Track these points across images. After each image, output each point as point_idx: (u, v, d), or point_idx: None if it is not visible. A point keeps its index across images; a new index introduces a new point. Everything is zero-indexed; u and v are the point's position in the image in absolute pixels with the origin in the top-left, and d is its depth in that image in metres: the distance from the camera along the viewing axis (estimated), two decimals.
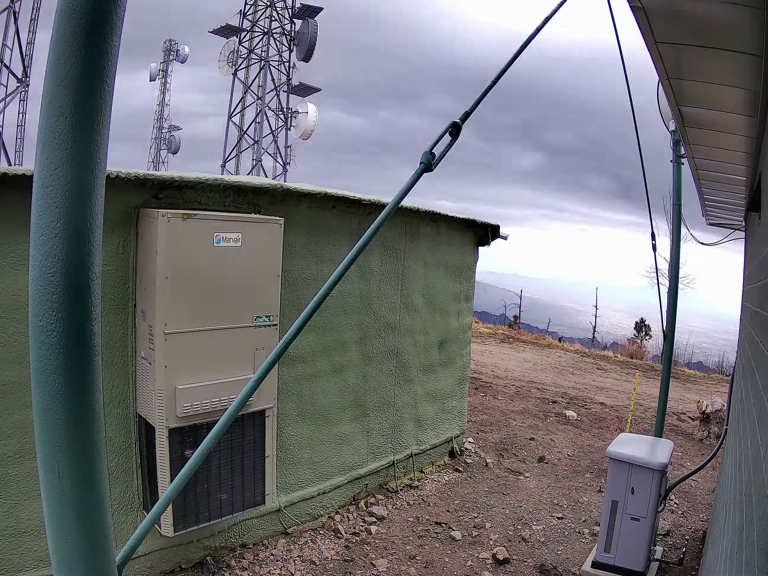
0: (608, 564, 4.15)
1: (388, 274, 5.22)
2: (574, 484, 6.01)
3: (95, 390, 0.82)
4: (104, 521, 0.85)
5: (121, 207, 3.36)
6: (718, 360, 14.68)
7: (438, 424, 6.11)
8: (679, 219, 5.58)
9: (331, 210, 4.55)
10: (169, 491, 0.99)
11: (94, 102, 0.77)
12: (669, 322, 5.48)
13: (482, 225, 6.19)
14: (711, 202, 5.85)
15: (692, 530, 5.12)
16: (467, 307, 6.41)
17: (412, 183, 1.11)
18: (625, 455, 4.10)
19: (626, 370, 12.43)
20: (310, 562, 4.24)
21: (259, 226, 3.62)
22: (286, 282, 4.17)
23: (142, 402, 3.50)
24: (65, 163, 0.76)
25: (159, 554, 3.75)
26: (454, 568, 4.35)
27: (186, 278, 3.30)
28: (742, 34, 1.94)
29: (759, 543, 1.18)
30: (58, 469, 0.80)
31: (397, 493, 5.46)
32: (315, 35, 19.45)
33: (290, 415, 4.48)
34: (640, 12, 1.97)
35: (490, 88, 1.29)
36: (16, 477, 3.12)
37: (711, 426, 7.45)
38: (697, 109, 2.96)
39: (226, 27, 19.89)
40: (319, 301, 1.04)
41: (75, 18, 0.74)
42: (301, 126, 19.74)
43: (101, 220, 0.81)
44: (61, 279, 0.78)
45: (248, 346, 3.62)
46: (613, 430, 7.76)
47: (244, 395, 1.00)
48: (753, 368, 2.26)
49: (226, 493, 3.63)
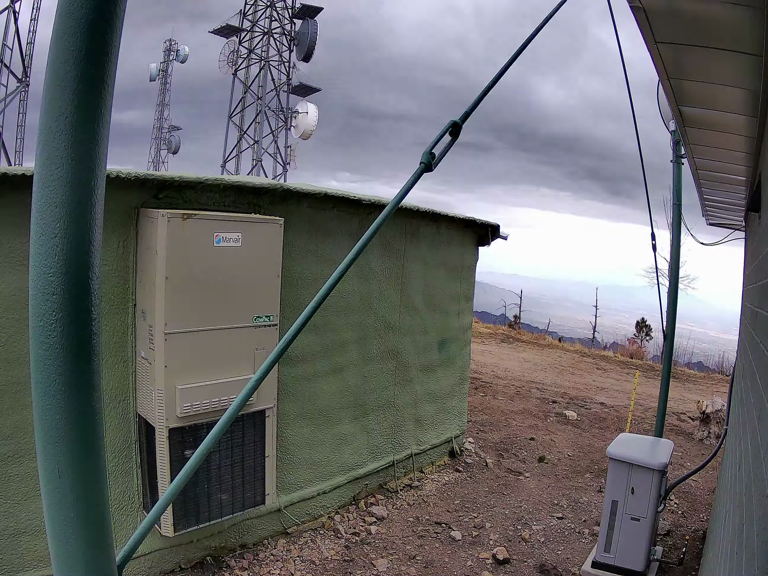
0: (608, 564, 4.15)
1: (388, 274, 5.22)
2: (574, 484, 6.01)
3: (95, 390, 0.82)
4: (104, 521, 0.85)
5: (121, 207, 3.36)
6: (718, 360, 14.68)
7: (438, 424, 6.11)
8: (679, 219, 5.58)
9: (331, 210, 4.55)
10: (169, 491, 0.99)
11: (94, 102, 0.77)
12: (669, 322, 5.48)
13: (482, 225, 6.19)
14: (711, 202, 5.85)
15: (692, 530, 5.12)
16: (467, 307, 6.41)
17: (412, 183, 1.11)
18: (625, 455, 4.10)
19: (626, 370, 12.43)
20: (310, 562, 4.24)
21: (259, 226, 3.62)
22: (286, 282, 4.17)
23: (142, 402, 3.50)
24: (65, 163, 0.76)
25: (159, 554, 3.75)
26: (454, 568, 4.35)
27: (186, 278, 3.30)
28: (742, 34, 1.94)
29: (759, 543, 1.18)
30: (58, 469, 0.80)
31: (397, 493, 5.46)
32: (315, 35, 19.46)
33: (290, 415, 4.48)
34: (640, 12, 1.97)
35: (489, 88, 1.29)
36: (16, 477, 3.12)
37: (711, 426, 7.45)
38: (697, 109, 2.96)
39: (226, 27, 19.90)
40: (319, 301, 1.04)
41: (75, 18, 0.74)
42: (301, 126, 19.74)
43: (101, 220, 0.81)
44: (61, 279, 0.77)
45: (248, 346, 3.62)
46: (613, 430, 7.76)
47: (244, 395, 1.00)
48: (753, 368, 2.26)
49: (226, 493, 3.63)
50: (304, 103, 19.97)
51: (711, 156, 3.93)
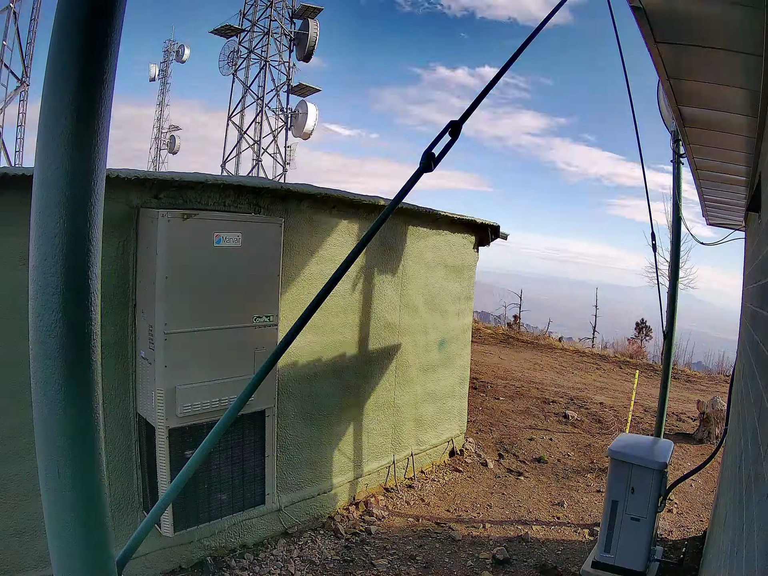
0: (608, 564, 4.15)
1: (388, 274, 5.22)
2: (574, 484, 6.01)
3: (95, 390, 0.82)
4: (104, 521, 0.85)
5: (121, 207, 3.36)
6: (718, 360, 14.65)
7: (438, 424, 6.11)
8: (678, 219, 5.57)
9: (331, 210, 4.55)
10: (169, 491, 0.99)
11: (94, 103, 0.77)
12: (669, 322, 5.47)
13: (482, 225, 6.19)
14: (711, 202, 5.84)
15: (692, 530, 5.12)
16: (467, 307, 6.41)
17: (411, 183, 1.11)
18: (626, 455, 4.10)
19: (626, 370, 12.42)
20: (310, 562, 4.23)
21: (259, 226, 3.62)
22: (286, 282, 4.17)
23: (142, 402, 3.50)
24: (65, 163, 0.76)
25: (159, 554, 3.75)
26: (454, 568, 4.35)
27: (186, 278, 3.30)
28: (742, 34, 1.94)
29: (759, 543, 1.18)
30: (58, 469, 0.80)
31: (397, 493, 5.45)
32: (315, 35, 19.45)
33: (290, 415, 4.48)
34: (640, 12, 1.96)
35: (489, 89, 1.29)
36: (16, 477, 3.12)
37: (711, 426, 7.45)
38: (697, 109, 2.96)
39: (226, 27, 19.88)
40: (319, 301, 1.04)
41: (75, 18, 0.74)
42: (301, 126, 19.73)
43: (101, 220, 0.81)
44: (61, 279, 0.77)
45: (248, 346, 3.62)
46: (613, 430, 7.76)
47: (244, 395, 1.00)
48: (753, 368, 2.26)
49: (226, 493, 3.63)
50: (304, 103, 19.95)
51: (711, 156, 3.92)
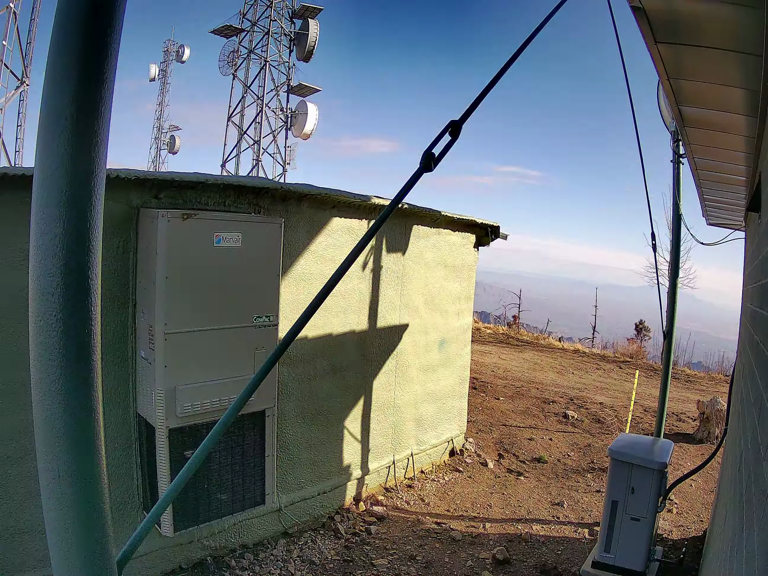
0: (608, 564, 4.15)
1: (388, 274, 5.22)
2: (574, 484, 6.01)
3: (95, 390, 0.82)
4: (104, 521, 0.85)
5: (121, 207, 3.36)
6: (718, 360, 14.66)
7: (438, 424, 6.11)
8: (678, 219, 5.57)
9: (331, 210, 4.55)
10: (169, 491, 0.99)
11: (94, 102, 0.77)
12: (669, 322, 5.47)
13: (482, 225, 6.19)
14: (711, 202, 5.84)
15: (692, 530, 5.12)
16: (467, 307, 6.41)
17: (411, 183, 1.11)
18: (626, 455, 4.10)
19: (626, 370, 12.42)
20: (310, 562, 4.23)
21: (259, 226, 3.62)
22: (286, 282, 4.17)
23: (142, 402, 3.50)
24: (65, 163, 0.76)
25: (159, 554, 3.75)
26: (454, 568, 4.35)
27: (186, 278, 3.30)
28: (742, 34, 1.94)
29: (759, 543, 1.18)
30: (58, 469, 0.80)
31: (397, 493, 5.45)
32: (315, 35, 19.44)
33: (290, 415, 4.48)
34: (640, 12, 1.96)
35: (489, 89, 1.29)
36: (16, 477, 3.12)
37: (711, 426, 7.45)
38: (697, 109, 2.96)
39: (226, 27, 19.88)
40: (319, 301, 1.04)
41: (75, 18, 0.74)
42: (301, 126, 19.73)
43: (101, 220, 0.81)
44: (61, 279, 0.77)
45: (248, 346, 3.62)
46: (613, 430, 7.76)
47: (244, 395, 1.00)
48: (753, 368, 2.26)
49: (226, 493, 3.63)
50: (304, 103, 19.94)
51: (711, 156, 3.92)
